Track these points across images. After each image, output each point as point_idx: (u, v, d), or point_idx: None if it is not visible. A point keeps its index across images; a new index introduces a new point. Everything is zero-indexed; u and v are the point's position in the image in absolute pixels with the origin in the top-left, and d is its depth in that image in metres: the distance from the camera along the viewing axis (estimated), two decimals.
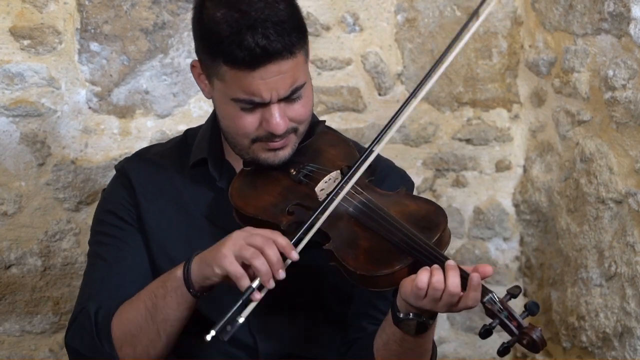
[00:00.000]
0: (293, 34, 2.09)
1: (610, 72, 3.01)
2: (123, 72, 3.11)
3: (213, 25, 2.08)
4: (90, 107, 3.09)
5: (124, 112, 3.13)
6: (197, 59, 2.21)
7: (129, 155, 2.46)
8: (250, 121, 2.14)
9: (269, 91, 2.09)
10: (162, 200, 2.31)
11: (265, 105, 2.12)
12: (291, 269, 2.05)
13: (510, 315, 1.93)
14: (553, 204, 3.38)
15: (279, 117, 2.12)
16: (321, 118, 3.30)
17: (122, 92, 3.12)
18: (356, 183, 2.12)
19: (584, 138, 3.20)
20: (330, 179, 2.17)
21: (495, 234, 3.57)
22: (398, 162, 2.43)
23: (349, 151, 2.27)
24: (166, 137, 3.11)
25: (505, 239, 3.59)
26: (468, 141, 3.51)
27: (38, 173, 3.05)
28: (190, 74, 3.16)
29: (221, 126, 2.23)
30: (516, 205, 3.57)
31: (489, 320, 1.94)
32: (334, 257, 2.05)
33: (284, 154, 2.20)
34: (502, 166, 3.55)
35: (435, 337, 3.46)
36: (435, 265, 1.96)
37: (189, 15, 3.11)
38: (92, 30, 3.06)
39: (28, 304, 3.10)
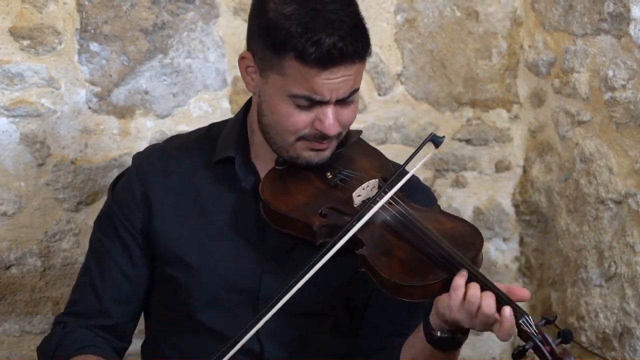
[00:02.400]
0: (365, 40, 2.10)
1: (610, 73, 3.02)
2: (123, 73, 3.11)
3: (282, 20, 2.06)
4: (90, 108, 3.09)
5: (124, 112, 3.13)
6: (247, 51, 2.18)
7: (129, 160, 2.45)
8: (303, 119, 2.12)
9: (330, 91, 2.08)
10: (179, 201, 2.28)
11: (321, 105, 2.11)
12: (310, 278, 2.03)
13: (544, 340, 1.93)
14: (553, 204, 3.38)
15: (332, 119, 2.11)
16: None
17: (122, 92, 3.12)
18: (394, 194, 2.12)
19: (583, 138, 3.20)
20: (368, 186, 2.16)
21: (494, 235, 3.57)
22: (397, 163, 2.42)
23: (383, 164, 2.27)
24: (166, 137, 3.10)
25: (504, 240, 3.59)
26: (468, 141, 3.51)
27: (38, 173, 3.05)
28: (190, 74, 3.19)
29: (265, 121, 2.19)
30: (516, 206, 3.57)
31: (522, 342, 1.94)
32: (367, 263, 2.03)
33: (325, 155, 2.19)
34: (501, 166, 3.55)
35: None
36: (473, 282, 1.96)
37: (188, 16, 3.13)
38: (92, 31, 3.06)
39: (28, 305, 3.10)
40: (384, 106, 3.40)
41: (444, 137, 2.18)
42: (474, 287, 1.95)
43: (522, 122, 3.53)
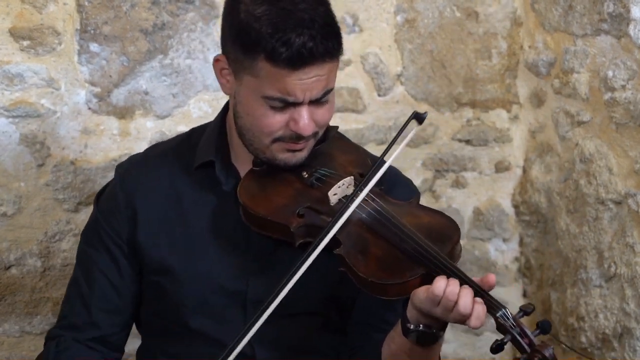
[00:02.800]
0: (337, 39, 2.09)
1: (610, 73, 3.02)
2: (122, 73, 3.11)
3: (253, 21, 2.06)
4: (89, 108, 3.09)
5: (124, 112, 3.13)
6: (221, 54, 2.18)
7: (131, 155, 2.45)
8: (277, 120, 2.12)
9: (303, 92, 2.08)
10: (162, 208, 2.29)
11: (295, 105, 2.10)
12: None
13: (523, 332, 1.93)
14: (552, 204, 3.38)
15: (307, 119, 2.11)
16: None
17: (122, 92, 3.12)
18: (370, 190, 2.11)
19: (583, 139, 3.20)
20: (343, 184, 2.15)
21: (494, 235, 3.57)
22: (397, 163, 2.42)
23: (361, 158, 2.26)
24: (166, 138, 3.10)
25: (504, 240, 3.59)
26: (467, 142, 3.51)
27: (37, 174, 3.05)
28: (190, 75, 3.19)
29: (240, 123, 2.20)
30: (516, 206, 3.57)
31: (500, 335, 1.94)
32: (345, 263, 2.04)
33: (302, 155, 2.18)
34: (501, 167, 3.55)
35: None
36: (452, 279, 1.96)
37: (188, 16, 3.13)
38: (92, 31, 3.06)
39: (28, 305, 3.10)
40: (383, 106, 3.40)
41: (426, 113, 2.16)
42: (453, 285, 1.95)
43: (522, 123, 3.53)
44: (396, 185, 2.30)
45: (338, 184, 2.16)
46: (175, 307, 2.26)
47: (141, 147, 3.11)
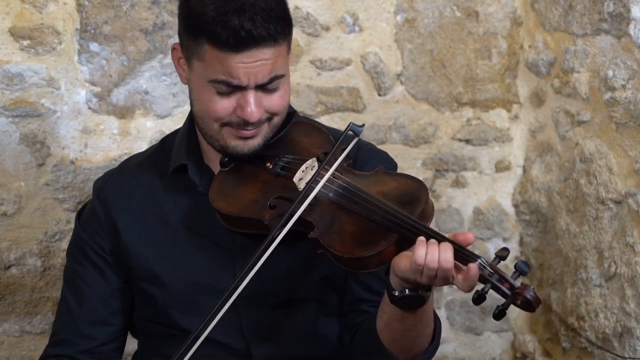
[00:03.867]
0: (279, 23, 2.10)
1: (610, 73, 3.02)
2: (123, 73, 3.11)
3: (200, 6, 2.09)
4: (89, 108, 3.09)
5: (124, 112, 3.13)
6: (178, 42, 2.21)
7: (110, 169, 2.47)
8: (224, 105, 2.13)
9: (247, 76, 2.09)
10: (143, 217, 2.31)
11: (241, 90, 2.11)
12: (279, 264, 2.04)
13: (502, 278, 1.93)
14: (553, 204, 3.38)
15: (254, 105, 2.12)
16: (321, 118, 3.31)
17: (122, 92, 3.12)
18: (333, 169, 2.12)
19: (583, 138, 3.20)
20: (307, 167, 2.17)
21: (494, 235, 3.57)
22: (397, 163, 2.42)
23: (323, 138, 2.27)
24: None
25: (504, 240, 3.59)
26: (467, 141, 3.51)
27: (38, 173, 3.05)
28: None
29: (194, 110, 2.22)
30: (516, 206, 3.57)
31: (481, 286, 1.93)
32: (320, 245, 2.05)
33: (254, 143, 2.19)
34: (501, 166, 3.55)
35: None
36: (432, 240, 1.96)
37: None
38: (92, 31, 3.06)
39: (28, 305, 3.10)
40: (383, 106, 3.40)
41: (363, 125, 2.18)
42: (432, 252, 1.94)
43: (522, 122, 3.53)
44: (370, 160, 2.30)
45: (302, 167, 2.17)
46: (166, 311, 2.26)
47: (141, 146, 3.11)
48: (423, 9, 3.40)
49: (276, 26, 2.09)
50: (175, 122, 3.17)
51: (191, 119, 2.31)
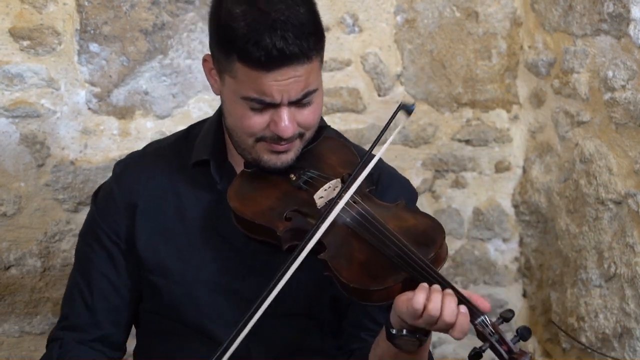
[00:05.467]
0: (311, 39, 2.06)
1: (610, 73, 3.01)
2: (122, 73, 3.11)
3: (231, 21, 2.05)
4: (89, 108, 3.09)
5: (124, 113, 3.13)
6: (209, 53, 2.18)
7: (132, 152, 2.45)
8: (258, 121, 2.11)
9: (280, 93, 2.06)
10: (160, 207, 2.28)
11: (275, 106, 2.09)
12: (292, 279, 2.03)
13: (502, 339, 1.91)
14: (552, 204, 3.38)
15: (287, 121, 2.09)
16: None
17: (122, 93, 3.12)
18: (356, 192, 2.10)
19: (583, 139, 3.20)
20: (329, 187, 2.15)
21: (494, 235, 3.57)
22: (397, 163, 2.43)
23: (351, 158, 2.24)
24: None
25: (504, 240, 3.59)
26: (467, 142, 3.51)
27: (37, 174, 3.05)
28: (190, 75, 3.19)
29: (227, 123, 2.20)
30: (515, 206, 3.57)
31: (479, 343, 1.93)
32: (328, 268, 2.03)
33: (287, 158, 2.17)
34: (501, 167, 3.55)
35: (435, 338, 3.47)
36: (435, 287, 1.94)
37: (188, 16, 3.12)
38: (92, 31, 3.06)
39: (27, 305, 3.10)
40: (383, 106, 3.40)
41: (414, 104, 2.15)
42: (435, 300, 1.92)
43: (521, 123, 3.53)
44: (391, 186, 2.29)
45: (324, 186, 2.15)
46: (171, 305, 2.26)
47: (141, 147, 3.11)
48: (423, 9, 3.40)
49: (308, 43, 2.05)
50: (175, 122, 3.17)
51: (220, 114, 2.28)
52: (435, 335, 3.45)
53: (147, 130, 3.15)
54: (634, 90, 2.95)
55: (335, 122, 3.33)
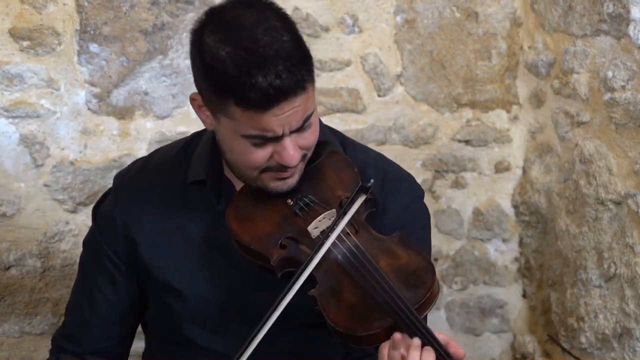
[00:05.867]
0: (303, 68, 2.03)
1: (610, 73, 3.01)
2: (122, 74, 3.11)
3: (218, 64, 2.02)
4: (89, 108, 3.09)
5: (123, 113, 3.13)
6: (195, 92, 2.14)
7: (128, 161, 2.45)
8: (261, 155, 2.09)
9: (281, 126, 2.04)
10: (161, 225, 2.27)
11: (277, 139, 2.07)
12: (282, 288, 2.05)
13: None
14: (552, 205, 3.38)
15: (292, 150, 2.08)
16: (321, 119, 3.30)
17: (122, 93, 3.12)
18: (353, 219, 2.09)
19: (583, 139, 3.20)
20: (324, 217, 2.14)
21: (494, 235, 3.57)
22: (397, 163, 2.42)
23: (352, 179, 2.22)
24: (165, 139, 3.10)
25: (504, 240, 3.59)
26: (467, 142, 3.51)
27: (37, 174, 3.05)
28: (190, 75, 3.14)
29: (227, 158, 2.19)
30: (515, 207, 3.57)
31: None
32: (317, 304, 2.04)
33: (292, 181, 2.16)
34: (501, 167, 3.55)
35: None
36: (415, 342, 1.96)
37: (188, 17, 3.13)
38: (92, 32, 3.06)
39: (27, 305, 3.10)
40: (383, 107, 3.40)
41: (371, 181, 2.14)
42: (413, 356, 1.94)
43: (521, 123, 3.53)
44: (397, 189, 2.28)
45: (318, 217, 2.14)
46: (178, 321, 2.26)
47: (141, 147, 3.11)
48: (423, 9, 3.40)
49: (302, 73, 2.02)
50: (175, 122, 3.17)
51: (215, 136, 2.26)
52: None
53: (146, 131, 3.15)
54: (633, 91, 2.95)
55: (335, 122, 3.33)
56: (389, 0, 3.36)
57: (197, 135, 2.37)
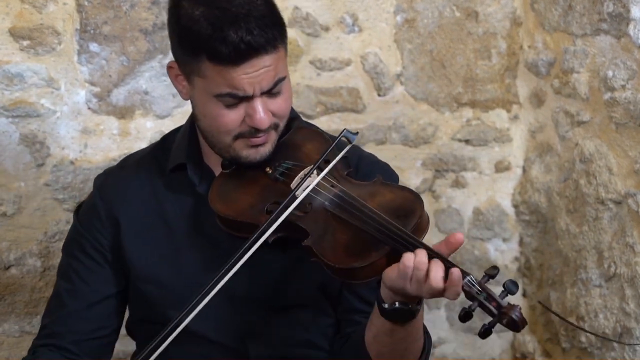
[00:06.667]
0: (275, 29, 2.10)
1: (610, 73, 3.02)
2: (122, 73, 3.11)
3: (192, 23, 2.09)
4: (89, 108, 3.09)
5: (124, 112, 3.13)
6: (173, 60, 2.22)
7: (110, 167, 2.47)
8: (233, 117, 2.14)
9: (252, 85, 2.10)
10: (143, 214, 2.30)
11: (248, 100, 2.12)
12: (277, 269, 2.05)
13: (489, 296, 1.93)
14: (552, 204, 3.38)
15: (262, 112, 2.12)
16: (321, 119, 3.31)
17: (122, 92, 3.12)
18: (332, 175, 2.14)
19: (583, 139, 3.20)
20: (305, 174, 2.17)
21: (494, 235, 3.57)
22: (397, 163, 2.43)
23: (325, 144, 2.26)
24: None
25: (504, 240, 3.59)
26: (467, 142, 3.51)
27: (37, 174, 3.05)
28: None
29: (201, 126, 2.22)
30: (515, 206, 3.57)
31: (468, 303, 1.94)
32: (313, 253, 2.05)
33: (265, 150, 2.19)
34: (501, 167, 3.55)
35: (435, 338, 3.46)
36: (420, 249, 1.97)
37: None
38: (92, 31, 3.06)
39: (27, 305, 3.10)
40: (383, 106, 3.40)
41: (357, 132, 2.21)
42: (421, 254, 1.95)
43: (521, 123, 3.53)
44: (372, 171, 2.29)
45: (299, 174, 2.18)
46: (163, 311, 2.26)
47: (141, 147, 3.10)
48: (423, 9, 3.40)
49: (273, 32, 2.09)
50: (175, 122, 3.17)
51: (192, 120, 2.31)
52: (435, 335, 3.45)
53: (147, 130, 3.15)
54: (633, 90, 2.95)
55: (335, 121, 3.33)
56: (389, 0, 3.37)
57: (173, 131, 2.42)
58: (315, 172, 2.16)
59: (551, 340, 3.44)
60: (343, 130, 2.19)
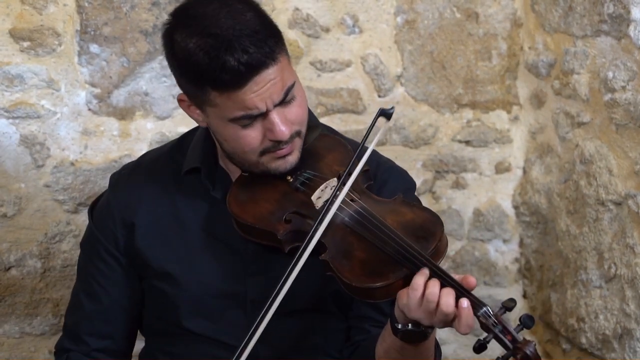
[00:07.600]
0: (270, 40, 2.09)
1: (610, 74, 3.01)
2: (123, 74, 3.11)
3: (189, 56, 2.09)
4: (89, 109, 3.09)
5: (124, 113, 3.13)
6: (181, 92, 2.20)
7: (128, 161, 2.47)
8: (254, 136, 2.13)
9: (263, 101, 2.09)
10: (158, 214, 2.31)
11: (264, 116, 2.11)
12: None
13: (505, 329, 1.92)
14: (553, 205, 3.38)
15: (281, 124, 2.12)
16: (321, 120, 3.30)
17: (122, 93, 3.12)
18: (353, 189, 2.12)
19: (583, 140, 3.20)
20: (326, 186, 2.16)
21: (494, 236, 3.57)
22: (397, 164, 2.42)
23: (346, 155, 2.26)
24: (166, 139, 3.11)
25: (504, 241, 3.59)
26: (468, 143, 3.51)
27: (37, 175, 3.05)
28: None
29: (225, 149, 2.22)
30: (516, 207, 3.57)
31: (483, 334, 1.93)
32: (330, 268, 2.05)
33: (293, 158, 2.19)
34: (501, 168, 3.55)
35: (436, 338, 3.46)
36: (433, 279, 1.96)
37: None
38: (92, 32, 3.07)
39: (28, 306, 3.10)
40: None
41: (392, 107, 2.19)
42: (433, 286, 1.94)
43: (522, 124, 3.53)
44: (389, 179, 2.30)
45: (321, 187, 2.17)
46: (175, 310, 2.27)
47: (141, 148, 3.11)
48: (423, 10, 3.40)
49: (269, 45, 2.08)
50: (175, 123, 3.17)
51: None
52: (436, 335, 3.44)
53: (147, 131, 3.15)
54: (634, 91, 2.95)
55: (335, 122, 3.33)
56: (390, 0, 3.36)
57: (191, 131, 2.41)
58: (336, 184, 2.13)
59: (551, 342, 3.44)
60: (379, 110, 2.16)
